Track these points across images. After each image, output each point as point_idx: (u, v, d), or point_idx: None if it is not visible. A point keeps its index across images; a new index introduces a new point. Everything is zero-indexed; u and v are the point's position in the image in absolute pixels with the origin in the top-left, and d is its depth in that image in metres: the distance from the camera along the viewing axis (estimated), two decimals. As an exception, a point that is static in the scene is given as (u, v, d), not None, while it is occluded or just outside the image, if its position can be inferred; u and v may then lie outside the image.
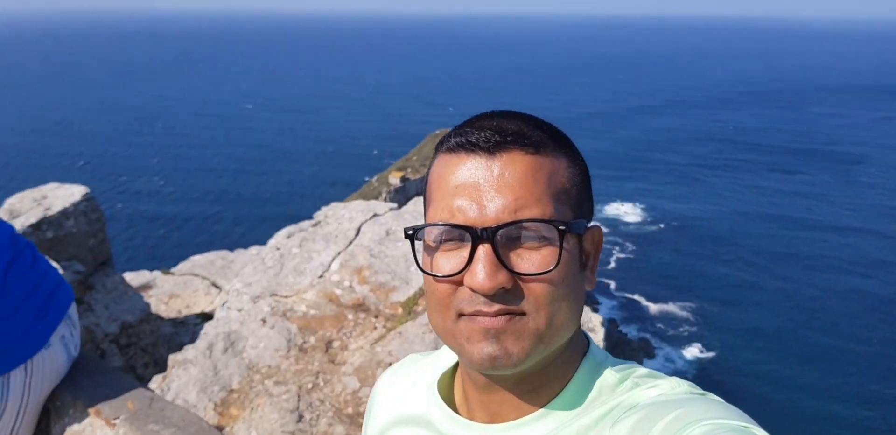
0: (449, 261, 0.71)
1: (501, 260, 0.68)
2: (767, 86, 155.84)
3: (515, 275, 0.69)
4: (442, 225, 0.71)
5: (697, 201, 69.22)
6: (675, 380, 0.74)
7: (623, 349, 43.48)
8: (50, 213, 4.88)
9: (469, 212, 0.69)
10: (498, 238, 0.68)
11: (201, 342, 3.90)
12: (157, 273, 7.15)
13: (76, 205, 5.07)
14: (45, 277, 2.25)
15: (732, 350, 41.60)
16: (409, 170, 59.94)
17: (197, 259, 7.49)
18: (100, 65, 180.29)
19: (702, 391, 0.73)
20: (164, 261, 8.93)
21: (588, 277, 0.78)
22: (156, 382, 3.76)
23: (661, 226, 63.02)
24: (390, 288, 3.94)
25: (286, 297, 3.85)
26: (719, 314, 46.32)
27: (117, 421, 2.18)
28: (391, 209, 4.36)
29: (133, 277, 6.96)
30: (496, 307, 0.68)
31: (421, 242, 0.76)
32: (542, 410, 0.77)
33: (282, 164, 76.25)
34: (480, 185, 0.70)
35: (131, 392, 2.28)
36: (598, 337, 2.87)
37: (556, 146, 0.75)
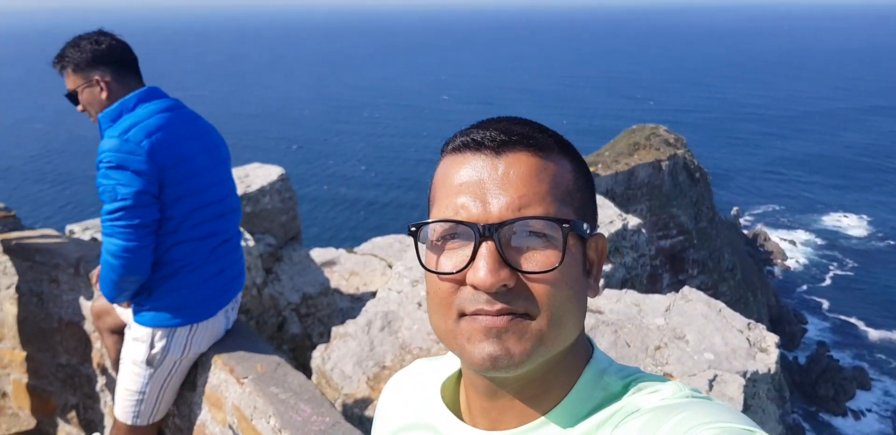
0: (451, 259, 0.71)
1: (504, 257, 0.68)
2: None
3: (518, 273, 0.68)
4: (445, 221, 0.71)
5: (940, 218, 59.79)
6: (678, 384, 0.74)
7: (832, 377, 39.03)
8: (250, 190, 5.31)
9: (472, 209, 0.69)
10: (501, 235, 0.68)
11: (362, 319, 4.06)
12: (341, 251, 7.60)
13: (272, 184, 5.50)
14: (236, 263, 2.56)
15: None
16: (599, 165, 58.24)
17: (377, 241, 7.84)
18: (312, 56, 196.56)
19: (705, 396, 0.72)
20: (356, 241, 9.44)
21: (592, 284, 0.77)
22: (318, 351, 3.99)
23: (892, 243, 55.44)
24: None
25: (442, 283, 3.91)
26: (956, 350, 39.76)
27: (245, 380, 2.38)
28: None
29: (320, 254, 7.47)
30: (498, 306, 0.68)
31: (426, 242, 0.75)
32: (543, 418, 0.75)
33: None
34: (485, 182, 0.70)
35: (263, 356, 2.49)
36: (770, 359, 2.54)
37: (561, 150, 0.76)
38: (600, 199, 4.19)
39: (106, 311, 2.66)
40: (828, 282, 49.74)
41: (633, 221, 3.74)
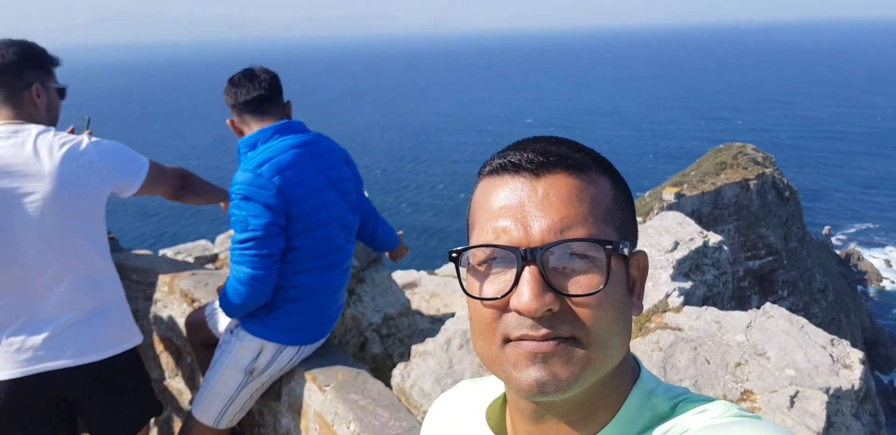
0: (494, 284, 0.70)
1: (548, 281, 0.67)
2: None
3: (563, 296, 0.67)
4: (486, 246, 0.70)
5: None
6: (725, 403, 0.73)
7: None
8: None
9: (514, 232, 0.69)
10: (544, 259, 0.67)
11: (441, 337, 4.13)
12: (423, 273, 7.73)
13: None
14: (344, 289, 2.72)
15: None
16: (685, 185, 56.72)
17: (457, 263, 7.90)
18: (393, 84, 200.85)
19: (753, 415, 0.71)
20: (437, 263, 9.64)
21: (635, 302, 0.76)
22: (398, 369, 4.08)
23: None
24: (621, 301, 3.79)
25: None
26: None
27: (327, 388, 2.48)
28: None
29: (402, 276, 7.62)
30: (543, 331, 0.67)
31: (466, 266, 0.74)
32: None
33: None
34: (525, 205, 0.69)
35: (344, 366, 2.61)
36: (854, 375, 2.46)
37: (599, 169, 0.75)
38: (680, 217, 4.15)
39: (199, 325, 2.81)
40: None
41: (714, 238, 3.71)
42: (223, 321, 2.67)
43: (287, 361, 2.57)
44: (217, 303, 2.74)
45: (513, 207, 0.70)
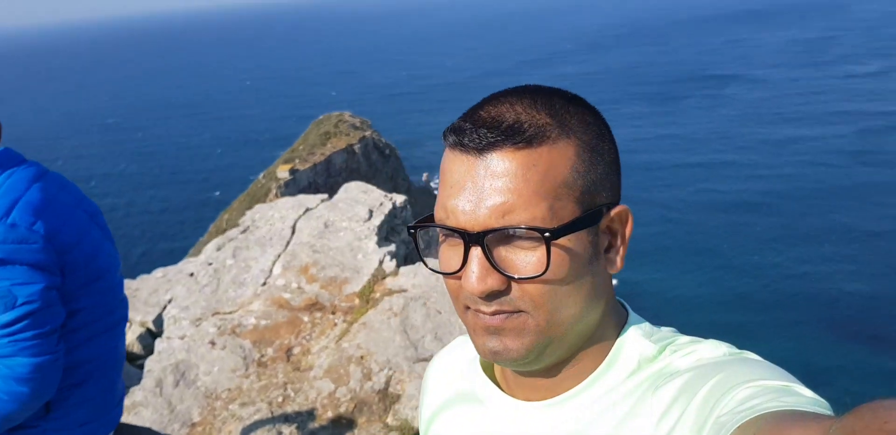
0: (451, 259, 0.71)
1: (493, 263, 0.67)
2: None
3: (508, 277, 0.68)
4: (435, 226, 0.72)
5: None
6: (714, 342, 0.74)
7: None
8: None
9: (460, 215, 0.68)
10: (488, 242, 0.67)
11: (147, 381, 3.53)
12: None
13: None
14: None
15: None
16: (297, 160, 58.06)
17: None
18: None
19: (739, 351, 0.72)
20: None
21: (611, 258, 0.74)
22: (108, 435, 3.38)
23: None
24: (342, 280, 3.69)
25: (230, 312, 3.50)
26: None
27: None
28: (323, 201, 4.04)
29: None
30: (493, 307, 0.68)
31: (428, 236, 0.77)
32: (581, 385, 0.76)
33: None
34: (470, 187, 0.68)
35: None
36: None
37: (560, 133, 0.69)
38: (363, 185, 4.15)
39: None
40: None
41: (399, 198, 3.79)
42: None
43: None
44: None
45: (460, 187, 0.69)
